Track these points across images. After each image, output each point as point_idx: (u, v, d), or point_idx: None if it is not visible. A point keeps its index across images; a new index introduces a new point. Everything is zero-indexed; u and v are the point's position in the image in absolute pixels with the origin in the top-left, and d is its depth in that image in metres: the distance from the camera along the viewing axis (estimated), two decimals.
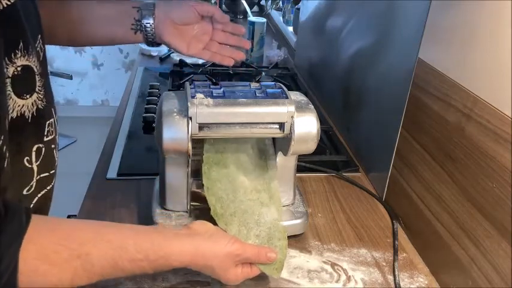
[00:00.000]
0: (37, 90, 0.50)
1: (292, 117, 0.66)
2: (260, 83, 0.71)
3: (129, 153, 0.97)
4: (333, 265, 0.71)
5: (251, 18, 1.51)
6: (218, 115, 0.64)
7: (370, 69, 0.97)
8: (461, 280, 0.64)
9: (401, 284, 0.68)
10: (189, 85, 0.67)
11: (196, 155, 0.73)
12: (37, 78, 0.50)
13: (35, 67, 0.49)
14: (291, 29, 1.79)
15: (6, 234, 0.40)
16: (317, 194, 0.89)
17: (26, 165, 0.50)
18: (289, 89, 0.71)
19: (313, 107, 0.69)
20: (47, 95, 0.52)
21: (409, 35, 0.79)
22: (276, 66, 1.50)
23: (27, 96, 0.48)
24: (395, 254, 0.74)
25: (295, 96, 0.71)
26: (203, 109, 0.63)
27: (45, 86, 0.52)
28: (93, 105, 3.36)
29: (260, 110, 0.65)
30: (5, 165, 0.43)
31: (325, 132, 1.11)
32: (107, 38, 0.77)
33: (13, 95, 0.46)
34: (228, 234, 0.62)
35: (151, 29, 0.75)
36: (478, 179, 0.61)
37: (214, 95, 0.66)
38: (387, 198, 0.88)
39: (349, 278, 0.69)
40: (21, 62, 0.46)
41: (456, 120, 0.65)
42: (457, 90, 0.65)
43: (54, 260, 0.44)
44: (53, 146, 0.55)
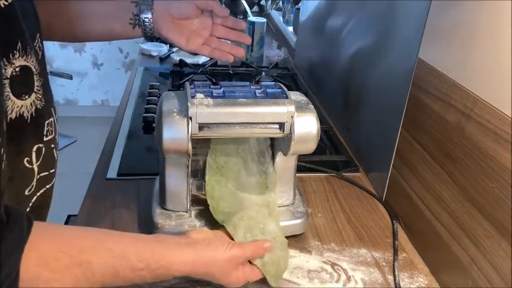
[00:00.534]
0: (35, 90, 0.50)
1: (292, 117, 0.66)
2: (260, 83, 0.71)
3: (129, 153, 0.97)
4: (333, 265, 0.71)
5: (251, 18, 1.51)
6: (218, 115, 0.64)
7: (370, 69, 0.97)
8: (461, 280, 0.64)
9: (402, 284, 0.68)
10: (189, 85, 0.67)
11: (196, 155, 0.73)
12: (35, 78, 0.49)
13: (33, 67, 0.49)
14: (291, 29, 1.79)
15: (8, 242, 0.40)
16: (317, 194, 0.89)
17: (27, 165, 0.49)
18: (289, 89, 0.71)
19: (313, 107, 0.69)
20: (46, 95, 0.52)
21: (409, 35, 0.79)
22: (276, 66, 1.50)
23: (26, 96, 0.48)
24: (395, 254, 0.74)
25: (295, 96, 0.71)
26: (203, 109, 0.63)
27: (44, 85, 0.52)
28: (93, 105, 3.36)
29: (260, 110, 0.65)
30: (2, 167, 0.42)
31: (325, 132, 1.11)
32: (106, 33, 0.77)
33: (12, 96, 0.45)
34: (226, 239, 0.62)
35: (149, 23, 0.74)
36: (478, 179, 0.61)
37: (214, 95, 0.65)
38: (387, 198, 0.88)
39: (349, 278, 0.69)
40: (19, 62, 0.46)
41: (456, 120, 0.65)
42: (457, 90, 0.65)
43: (55, 267, 0.44)
44: (52, 146, 0.54)
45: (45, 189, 0.54)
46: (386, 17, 0.89)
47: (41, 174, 0.52)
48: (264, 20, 1.51)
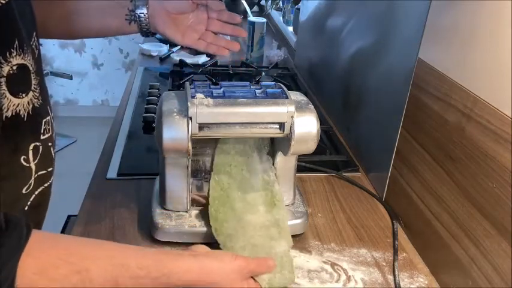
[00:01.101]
0: (33, 88, 0.50)
1: (292, 117, 0.66)
2: (260, 83, 0.71)
3: (129, 153, 0.97)
4: (333, 265, 0.71)
5: (251, 18, 1.51)
6: (218, 115, 0.64)
7: (370, 69, 0.97)
8: (461, 280, 0.64)
9: (401, 284, 0.68)
10: (189, 85, 0.67)
11: (196, 155, 0.73)
12: (32, 77, 0.49)
13: (30, 65, 0.49)
14: (291, 29, 1.79)
15: (5, 248, 0.40)
16: (317, 194, 0.89)
17: (23, 164, 0.49)
18: (289, 89, 0.71)
19: (313, 107, 0.69)
20: (43, 93, 0.52)
21: (409, 35, 0.79)
22: (276, 66, 1.50)
23: (23, 95, 0.48)
24: (395, 254, 0.74)
25: (295, 96, 0.71)
26: (203, 109, 0.63)
27: (41, 84, 0.52)
28: (93, 105, 3.36)
29: (260, 110, 0.65)
30: None
31: (325, 132, 1.11)
32: (102, 29, 0.77)
33: (8, 94, 0.45)
34: (229, 252, 0.61)
35: (145, 18, 0.74)
36: (478, 179, 0.61)
37: (214, 95, 0.66)
38: (387, 198, 0.88)
39: (349, 278, 0.69)
40: (16, 61, 0.46)
41: (456, 120, 0.65)
42: (457, 90, 0.65)
43: (53, 276, 0.43)
44: (50, 144, 0.54)
45: (43, 187, 0.54)
46: (386, 17, 0.89)
47: (38, 173, 0.52)
48: (264, 20, 1.51)
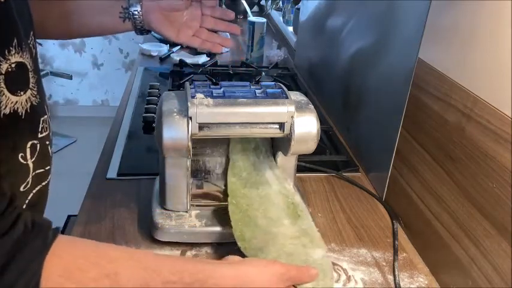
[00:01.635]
0: (31, 86, 0.50)
1: (292, 117, 0.66)
2: (260, 83, 0.71)
3: (129, 153, 0.97)
4: (333, 265, 0.71)
5: (251, 18, 1.51)
6: (218, 115, 0.64)
7: (370, 69, 0.97)
8: (461, 280, 0.64)
9: (401, 284, 0.68)
10: (189, 85, 0.67)
11: (196, 155, 0.73)
12: (30, 75, 0.50)
13: (28, 64, 0.49)
14: (291, 29, 1.79)
15: (30, 248, 0.40)
16: (317, 194, 0.89)
17: (21, 161, 0.50)
18: (289, 89, 0.71)
19: (313, 107, 0.69)
20: (40, 92, 0.52)
21: (409, 35, 0.79)
22: (276, 66, 1.50)
23: (21, 93, 0.48)
24: (395, 254, 0.74)
25: (295, 96, 0.71)
26: (203, 109, 0.63)
27: (38, 82, 0.52)
28: (93, 105, 3.36)
29: (260, 110, 0.65)
30: None
31: (325, 132, 1.11)
32: (98, 28, 0.77)
33: (6, 92, 0.45)
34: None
35: (139, 16, 0.74)
36: (478, 179, 0.61)
37: (214, 95, 0.66)
38: (387, 198, 0.88)
39: (349, 278, 0.69)
40: (15, 58, 0.46)
41: (456, 120, 0.65)
42: (457, 90, 0.65)
43: (80, 279, 0.42)
44: (47, 143, 0.55)
45: (41, 186, 0.54)
46: (386, 17, 0.89)
47: (36, 171, 0.52)
48: (264, 20, 1.51)
